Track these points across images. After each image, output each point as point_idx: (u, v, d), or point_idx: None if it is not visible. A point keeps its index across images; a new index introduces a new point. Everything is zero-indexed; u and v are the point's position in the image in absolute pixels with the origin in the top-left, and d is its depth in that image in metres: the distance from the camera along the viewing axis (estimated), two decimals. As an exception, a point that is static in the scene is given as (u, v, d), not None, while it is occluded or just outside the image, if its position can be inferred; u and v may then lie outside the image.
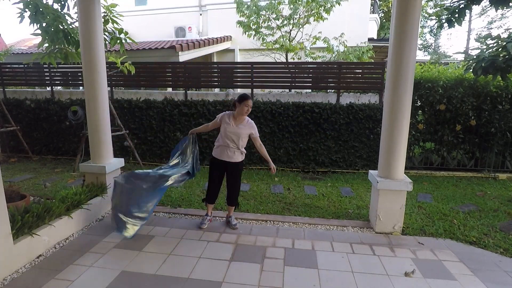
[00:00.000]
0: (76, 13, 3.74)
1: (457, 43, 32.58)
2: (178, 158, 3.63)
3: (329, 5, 7.57)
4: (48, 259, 2.88)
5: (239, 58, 10.94)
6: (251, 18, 8.06)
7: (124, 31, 4.65)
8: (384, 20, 18.25)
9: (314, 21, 8.06)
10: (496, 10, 4.32)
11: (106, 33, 4.53)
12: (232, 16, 8.63)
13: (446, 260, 2.97)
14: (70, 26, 4.16)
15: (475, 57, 4.64)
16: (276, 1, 7.93)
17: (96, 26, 3.68)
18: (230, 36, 10.77)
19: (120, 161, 4.20)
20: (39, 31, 4.01)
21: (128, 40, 4.73)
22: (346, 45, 8.27)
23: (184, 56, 8.17)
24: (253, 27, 8.19)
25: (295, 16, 8.05)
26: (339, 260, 2.95)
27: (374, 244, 3.27)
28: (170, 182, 3.31)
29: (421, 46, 23.15)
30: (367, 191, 4.76)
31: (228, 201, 3.61)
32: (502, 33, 6.03)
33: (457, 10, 4.24)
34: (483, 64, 4.37)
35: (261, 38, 8.18)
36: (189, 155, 3.62)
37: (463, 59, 8.16)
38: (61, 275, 2.63)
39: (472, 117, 5.59)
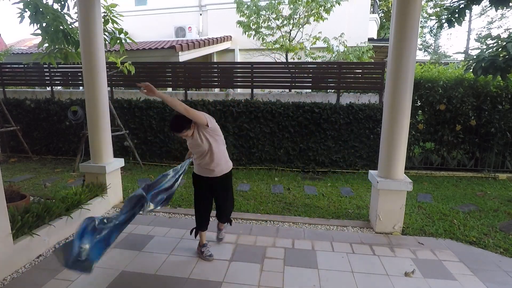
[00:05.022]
0: (76, 13, 3.75)
1: (457, 43, 32.58)
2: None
3: (329, 5, 7.57)
4: (48, 259, 2.88)
5: (239, 58, 10.92)
6: (251, 18, 8.06)
7: (124, 31, 4.66)
8: (384, 20, 18.23)
9: (314, 21, 8.06)
10: (496, 10, 4.32)
11: (106, 33, 4.53)
12: (232, 16, 8.62)
13: (446, 260, 2.97)
14: (70, 26, 4.16)
15: (475, 57, 4.64)
16: (276, 1, 7.93)
17: (96, 26, 3.69)
18: (230, 36, 10.76)
19: (120, 161, 4.21)
20: (39, 31, 4.01)
21: (128, 40, 4.74)
22: (346, 45, 8.27)
23: (184, 56, 8.16)
24: (253, 27, 8.19)
25: (295, 16, 8.05)
26: (339, 260, 2.95)
27: (374, 244, 3.27)
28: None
29: (421, 46, 23.13)
30: (367, 191, 4.76)
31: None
32: (502, 33, 6.03)
33: (457, 10, 4.24)
34: (483, 64, 4.36)
35: (261, 38, 8.17)
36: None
37: (463, 59, 8.17)
38: (61, 275, 2.63)
39: (472, 117, 5.59)
